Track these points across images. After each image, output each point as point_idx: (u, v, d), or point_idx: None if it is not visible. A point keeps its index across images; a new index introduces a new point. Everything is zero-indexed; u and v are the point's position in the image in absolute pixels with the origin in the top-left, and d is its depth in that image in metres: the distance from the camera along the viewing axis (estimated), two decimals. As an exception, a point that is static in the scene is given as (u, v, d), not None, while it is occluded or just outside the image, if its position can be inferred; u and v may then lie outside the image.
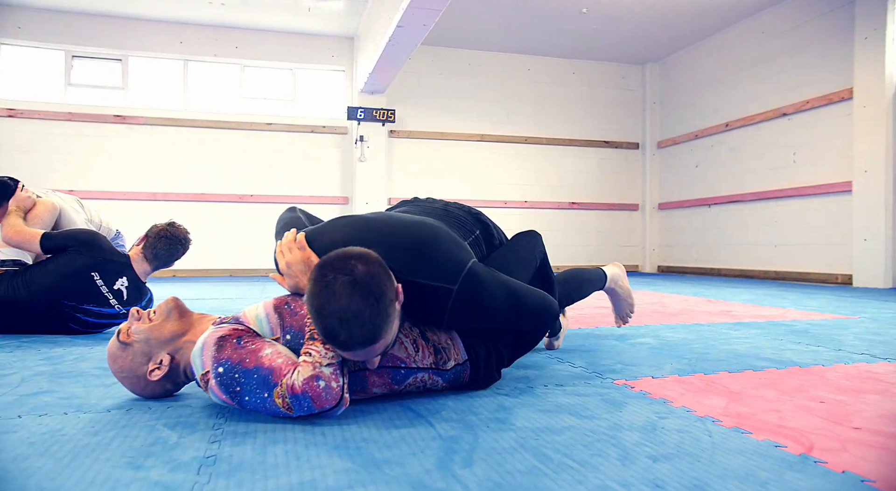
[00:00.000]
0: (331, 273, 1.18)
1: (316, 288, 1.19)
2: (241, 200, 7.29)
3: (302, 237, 1.44)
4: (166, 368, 1.40)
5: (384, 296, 1.19)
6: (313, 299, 1.19)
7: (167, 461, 1.05)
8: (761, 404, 1.42)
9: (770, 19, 6.65)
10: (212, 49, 7.28)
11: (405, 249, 1.40)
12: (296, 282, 1.43)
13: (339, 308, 1.16)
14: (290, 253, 1.43)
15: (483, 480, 0.97)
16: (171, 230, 2.58)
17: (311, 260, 1.41)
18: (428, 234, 1.46)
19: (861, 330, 2.66)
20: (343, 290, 1.16)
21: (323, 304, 1.17)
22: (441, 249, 1.43)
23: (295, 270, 1.41)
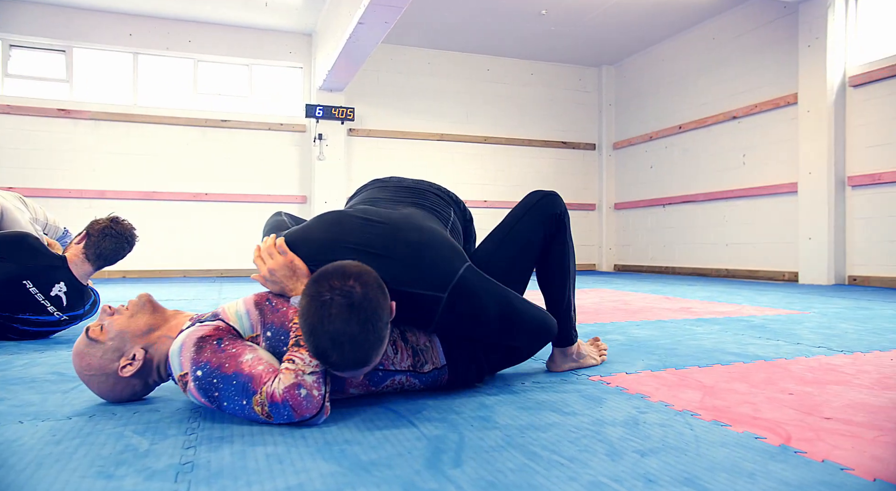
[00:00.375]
0: (328, 293, 1.16)
1: (311, 306, 1.17)
2: (195, 199, 7.08)
3: (282, 242, 1.41)
4: (140, 363, 1.33)
5: (380, 320, 1.19)
6: (308, 316, 1.17)
7: (140, 470, 0.99)
8: (735, 397, 1.45)
9: (720, 26, 6.87)
10: (163, 42, 7.04)
11: (397, 259, 1.37)
12: (280, 287, 1.39)
13: (333, 330, 1.15)
14: (271, 259, 1.39)
15: (475, 479, 0.95)
16: (116, 227, 2.39)
17: (294, 264, 1.38)
18: (419, 240, 1.41)
19: (814, 324, 2.76)
20: (340, 312, 1.15)
21: (317, 323, 1.15)
22: (433, 256, 1.39)
23: (279, 276, 1.38)
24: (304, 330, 1.18)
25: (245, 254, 7.23)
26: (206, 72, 7.33)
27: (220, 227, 7.19)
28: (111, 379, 1.34)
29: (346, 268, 1.21)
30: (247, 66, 7.46)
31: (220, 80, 7.39)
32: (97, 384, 1.35)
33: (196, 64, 7.25)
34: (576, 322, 1.75)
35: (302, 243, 1.42)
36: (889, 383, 1.59)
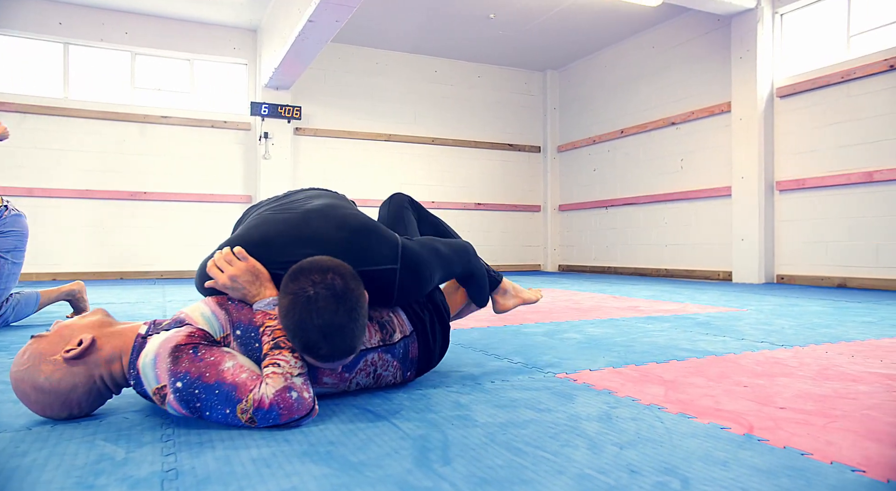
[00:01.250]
0: (311, 288, 1.19)
1: (296, 302, 1.19)
2: (133, 198, 6.78)
3: (240, 249, 1.40)
4: (85, 348, 1.22)
5: (362, 308, 1.24)
6: (294, 313, 1.19)
7: (122, 478, 0.96)
8: (695, 391, 1.53)
9: (659, 35, 7.16)
10: (97, 33, 6.71)
11: (348, 243, 1.43)
12: (242, 293, 1.37)
13: (322, 323, 1.18)
14: (231, 266, 1.37)
15: (467, 476, 0.97)
16: None
17: (256, 269, 1.37)
18: (359, 224, 1.49)
19: (752, 321, 2.93)
20: (326, 304, 1.18)
21: (305, 318, 1.18)
22: (375, 234, 1.47)
23: (241, 282, 1.36)
24: (291, 327, 1.20)
25: (188, 255, 7.00)
26: (145, 66, 7.04)
27: (161, 228, 6.93)
28: (50, 367, 1.20)
29: (321, 262, 1.25)
30: (188, 61, 7.22)
31: (160, 75, 7.11)
32: (32, 378, 1.19)
33: (134, 57, 6.95)
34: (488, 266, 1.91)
35: (260, 247, 1.42)
36: (828, 374, 1.71)
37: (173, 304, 3.87)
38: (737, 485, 0.93)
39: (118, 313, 3.30)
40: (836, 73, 5.22)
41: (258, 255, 1.41)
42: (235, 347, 1.31)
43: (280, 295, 1.23)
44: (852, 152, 5.15)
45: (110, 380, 1.28)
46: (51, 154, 6.52)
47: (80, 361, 1.23)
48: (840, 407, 1.37)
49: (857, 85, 5.14)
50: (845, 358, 1.96)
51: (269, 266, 1.40)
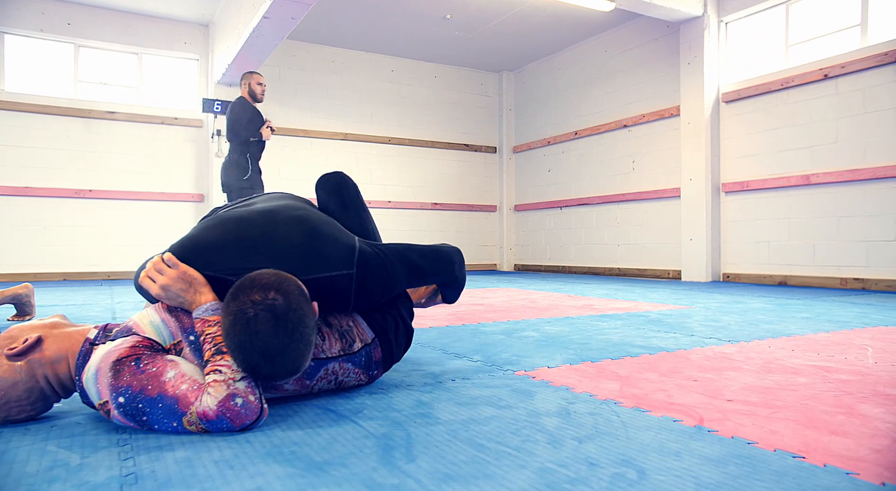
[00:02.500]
0: (251, 308, 1.15)
1: (236, 323, 1.15)
2: (77, 196, 6.52)
3: (170, 255, 1.35)
4: (30, 344, 1.20)
5: (306, 327, 1.20)
6: (234, 334, 1.16)
7: (77, 485, 0.94)
8: (648, 385, 1.59)
9: (612, 39, 7.34)
10: (36, 23, 6.43)
11: (297, 249, 1.39)
12: (178, 302, 1.33)
13: (262, 345, 1.15)
14: (161, 275, 1.33)
15: (431, 472, 0.99)
16: None
17: (188, 275, 1.32)
18: (311, 227, 1.45)
19: (701, 318, 3.04)
20: (266, 326, 1.15)
21: (245, 340, 1.15)
22: (329, 238, 1.44)
23: (175, 291, 1.32)
24: (231, 347, 1.17)
25: (136, 255, 6.78)
26: (90, 59, 6.78)
27: (107, 227, 6.69)
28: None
29: (263, 279, 1.20)
30: (136, 55, 6.99)
31: (106, 69, 6.86)
32: None
33: (77, 49, 6.69)
34: None
35: (198, 251, 1.37)
36: (772, 368, 1.80)
37: (122, 306, 3.75)
38: (689, 474, 0.97)
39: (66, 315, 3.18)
40: (776, 80, 5.47)
41: (206, 259, 1.36)
42: (189, 354, 1.28)
43: (222, 312, 1.20)
44: (791, 156, 5.41)
45: (56, 381, 1.24)
46: (-13, 149, 6.21)
47: (22, 358, 1.20)
48: (782, 398, 1.45)
49: (794, 92, 5.39)
50: (786, 352, 2.06)
51: (220, 271, 1.35)
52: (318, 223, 1.47)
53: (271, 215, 1.45)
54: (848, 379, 1.65)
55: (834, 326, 2.70)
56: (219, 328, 1.25)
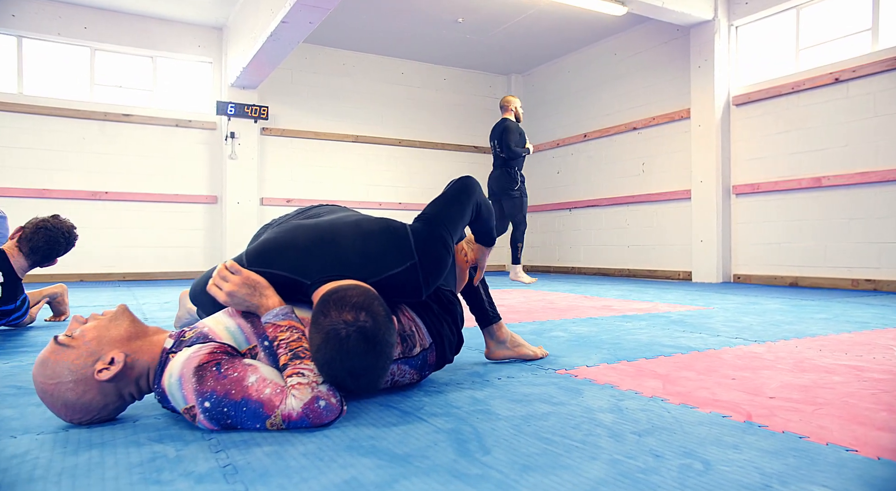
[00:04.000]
0: (343, 328, 1.22)
1: (329, 341, 1.21)
2: (93, 198, 6.59)
3: (232, 262, 1.42)
4: (118, 368, 1.22)
5: (391, 346, 1.27)
6: (324, 351, 1.22)
7: (184, 474, 1.00)
8: (689, 383, 1.65)
9: (621, 43, 7.40)
10: (54, 27, 6.49)
11: (366, 256, 1.46)
12: (246, 306, 1.39)
13: (352, 365, 1.22)
14: (226, 282, 1.39)
15: (509, 463, 1.05)
16: (51, 222, 2.41)
17: (251, 279, 1.39)
18: (366, 229, 1.51)
19: (721, 318, 3.11)
20: (358, 347, 1.21)
21: (335, 358, 1.21)
22: (385, 236, 1.50)
23: (240, 296, 1.38)
24: (320, 362, 1.23)
25: (151, 256, 6.85)
26: (106, 62, 6.85)
27: (123, 228, 6.76)
28: (81, 387, 1.21)
29: (353, 298, 1.26)
30: (150, 58, 7.06)
31: (122, 72, 6.93)
32: (63, 395, 1.20)
33: (93, 53, 6.76)
34: (494, 305, 1.95)
35: (272, 252, 1.45)
36: (805, 367, 1.87)
37: (149, 306, 3.82)
38: (751, 464, 1.04)
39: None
40: (787, 84, 5.53)
41: (280, 260, 1.43)
42: (263, 358, 1.33)
43: (312, 326, 1.26)
44: (802, 159, 5.47)
45: (137, 393, 1.31)
46: (3, 151, 6.28)
47: (113, 381, 1.24)
48: (822, 396, 1.51)
49: (805, 96, 5.45)
50: (814, 352, 2.13)
51: (292, 272, 1.43)
52: (369, 225, 1.53)
53: (333, 225, 1.53)
54: (882, 378, 1.71)
55: (854, 327, 2.77)
56: (291, 333, 1.31)
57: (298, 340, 1.30)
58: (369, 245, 1.48)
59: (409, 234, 1.50)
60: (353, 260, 1.45)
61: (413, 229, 1.52)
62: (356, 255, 1.46)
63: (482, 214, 1.72)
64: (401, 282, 1.46)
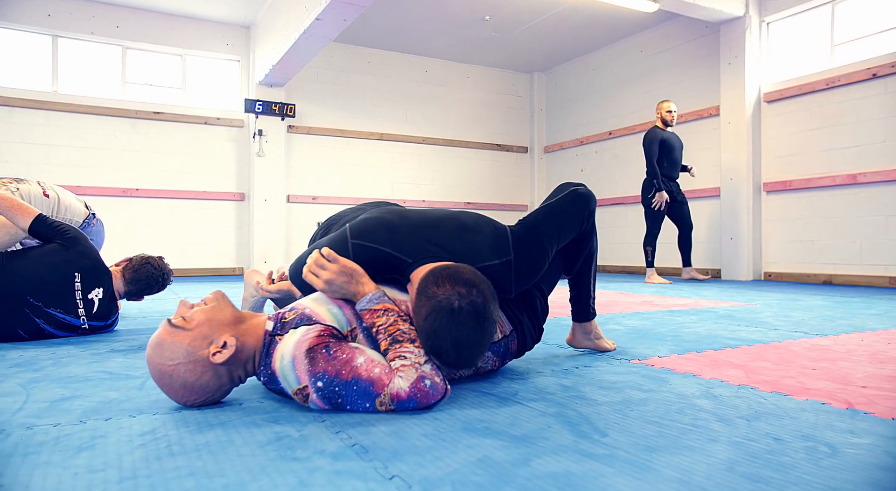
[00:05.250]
0: (456, 300, 1.26)
1: (439, 309, 1.25)
2: (124, 195, 6.66)
3: (328, 251, 1.42)
4: (231, 351, 1.26)
5: (494, 324, 1.32)
6: (432, 320, 1.26)
7: (318, 452, 1.02)
8: (771, 373, 1.66)
9: (648, 40, 7.38)
10: (87, 26, 6.57)
11: (465, 244, 1.52)
12: (342, 293, 1.41)
13: (459, 336, 1.25)
14: (324, 271, 1.40)
15: (631, 444, 1.07)
16: (157, 261, 2.59)
17: (347, 267, 1.40)
18: (469, 222, 1.58)
19: (770, 314, 3.10)
20: (468, 319, 1.25)
21: (443, 327, 1.25)
22: (485, 230, 1.57)
23: (338, 284, 1.39)
24: (426, 330, 1.27)
25: (180, 253, 6.91)
26: (136, 61, 6.92)
27: (153, 225, 6.82)
28: (199, 368, 1.24)
29: (465, 274, 1.31)
30: (180, 57, 7.12)
31: (152, 70, 7.00)
32: (182, 376, 1.23)
33: (125, 51, 6.83)
34: (595, 302, 1.97)
35: (386, 230, 1.49)
36: (881, 358, 1.86)
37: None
38: (878, 449, 1.04)
39: (136, 310, 3.30)
40: (821, 80, 5.50)
41: (384, 237, 1.47)
42: (363, 341, 1.37)
43: (421, 297, 1.30)
44: (837, 156, 5.43)
45: (244, 376, 1.35)
46: (38, 149, 6.36)
47: (226, 364, 1.28)
48: (912, 385, 1.51)
49: (840, 92, 5.41)
50: (883, 345, 2.12)
51: (395, 249, 1.46)
52: (469, 218, 1.60)
53: (435, 213, 1.60)
54: (963, 368, 1.71)
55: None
56: (388, 317, 1.33)
57: (395, 323, 1.33)
58: (469, 235, 1.53)
59: (509, 234, 1.57)
60: (453, 245, 1.49)
61: (512, 230, 1.59)
62: (456, 241, 1.50)
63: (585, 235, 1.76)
64: (493, 275, 1.49)
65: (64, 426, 1.17)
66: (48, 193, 2.67)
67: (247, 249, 7.26)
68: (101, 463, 0.97)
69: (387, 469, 0.94)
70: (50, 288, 2.21)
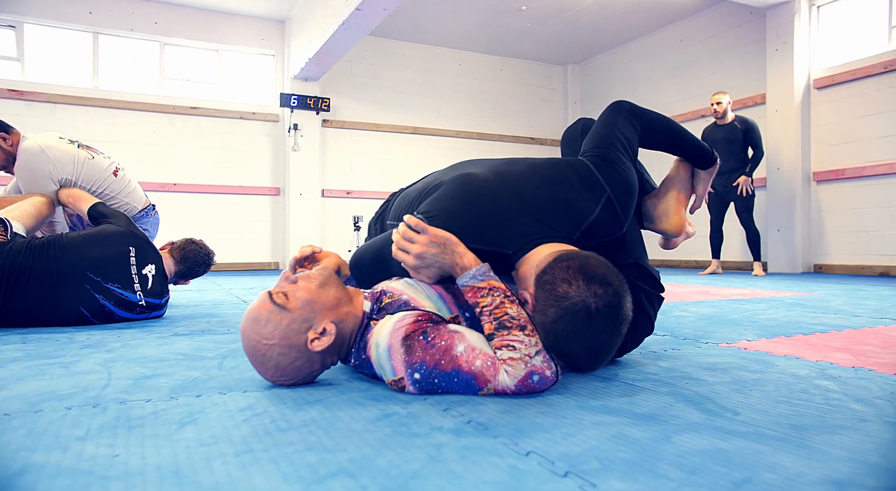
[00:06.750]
0: (592, 300, 1.08)
1: (574, 313, 1.08)
2: (163, 189, 6.71)
3: (415, 220, 1.26)
4: (330, 339, 1.19)
5: (627, 323, 1.13)
6: (565, 323, 1.09)
7: (434, 428, 0.95)
8: (884, 356, 1.54)
9: (688, 28, 7.20)
10: (127, 23, 6.62)
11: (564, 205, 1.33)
12: (436, 269, 1.25)
13: (594, 342, 1.10)
14: (413, 244, 1.24)
15: (770, 422, 0.97)
16: (198, 243, 2.62)
17: (438, 236, 1.23)
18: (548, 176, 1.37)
19: (841, 302, 2.95)
20: (605, 323, 1.09)
21: (577, 332, 1.09)
22: (570, 177, 1.36)
23: (430, 258, 1.23)
24: (555, 334, 1.10)
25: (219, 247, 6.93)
26: (174, 56, 6.96)
27: (191, 219, 6.85)
28: (294, 353, 1.18)
29: (597, 269, 1.12)
30: (216, 52, 7.14)
31: (189, 66, 7.04)
32: (275, 358, 1.17)
33: (162, 47, 6.87)
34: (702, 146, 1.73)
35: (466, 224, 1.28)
36: None
37: (237, 291, 3.84)
38: None
39: (186, 299, 3.28)
40: (878, 64, 5.28)
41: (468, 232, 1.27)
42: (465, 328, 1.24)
43: (548, 296, 1.12)
44: (894, 142, 5.21)
45: (336, 360, 1.28)
46: (80, 145, 6.44)
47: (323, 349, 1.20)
48: None
49: (898, 76, 5.20)
50: None
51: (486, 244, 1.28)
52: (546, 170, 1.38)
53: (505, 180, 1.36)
54: None
55: None
56: (493, 298, 1.18)
57: (501, 305, 1.17)
58: (560, 192, 1.33)
59: (591, 166, 1.37)
60: (553, 214, 1.31)
61: (591, 160, 1.39)
62: (552, 208, 1.31)
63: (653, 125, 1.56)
64: (602, 222, 1.35)
65: (157, 402, 1.12)
66: (118, 173, 2.70)
67: (282, 244, 7.27)
68: (210, 436, 0.91)
69: (517, 446, 0.87)
70: (107, 263, 2.21)
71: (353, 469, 0.78)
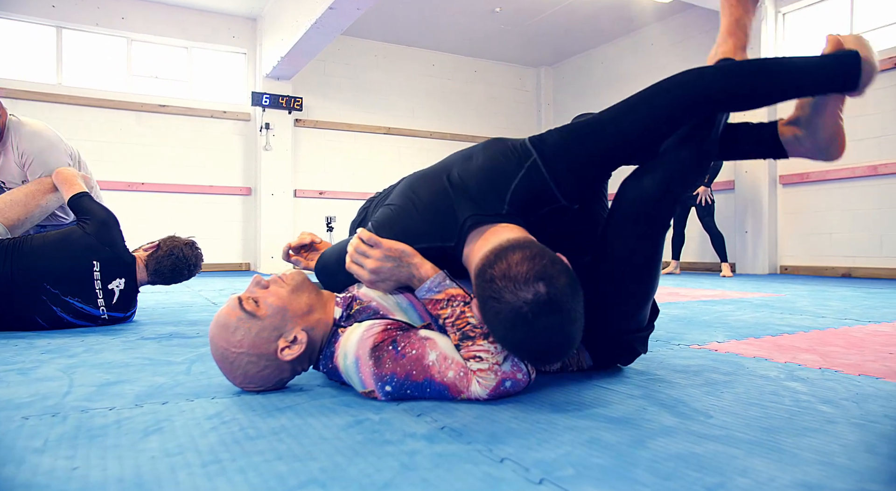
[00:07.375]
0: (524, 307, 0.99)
1: (513, 326, 1.01)
2: (130, 189, 6.55)
3: (368, 233, 1.20)
4: (301, 348, 1.16)
5: (577, 312, 1.04)
6: (503, 330, 1.03)
7: (408, 435, 0.93)
8: (849, 356, 1.58)
9: (659, 32, 7.30)
10: (92, 17, 6.45)
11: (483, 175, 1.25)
12: (393, 283, 1.20)
13: (543, 341, 1.03)
14: (368, 259, 1.19)
15: (741, 425, 0.98)
16: (185, 251, 2.39)
17: (394, 249, 1.18)
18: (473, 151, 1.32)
19: (807, 303, 3.02)
20: (545, 322, 1.00)
21: (522, 340, 1.03)
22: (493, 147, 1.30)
23: (386, 272, 1.18)
24: (497, 336, 1.06)
25: (187, 248, 6.80)
26: (141, 53, 6.80)
27: (160, 220, 6.70)
28: (263, 361, 1.15)
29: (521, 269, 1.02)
30: (185, 49, 7.01)
31: (157, 63, 6.89)
32: (244, 365, 1.14)
33: (130, 43, 6.71)
34: None
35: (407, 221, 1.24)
36: (950, 343, 1.79)
37: (207, 293, 3.77)
38: None
39: (154, 301, 3.20)
40: (841, 70, 5.42)
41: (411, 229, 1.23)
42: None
43: (484, 309, 1.05)
44: (856, 147, 5.36)
45: (306, 367, 1.24)
46: (43, 142, 6.24)
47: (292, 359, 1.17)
48: None
49: (859, 83, 5.34)
50: (944, 330, 2.04)
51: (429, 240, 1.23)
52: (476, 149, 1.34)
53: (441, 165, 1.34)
54: None
55: (955, 310, 2.68)
56: (452, 309, 1.15)
57: (462, 314, 1.13)
58: (484, 161, 1.26)
59: (526, 140, 1.30)
60: (478, 186, 1.23)
61: (530, 138, 1.31)
62: (476, 179, 1.24)
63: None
64: (528, 189, 1.24)
65: (121, 409, 1.08)
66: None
67: (253, 245, 7.16)
68: (176, 446, 0.88)
69: (492, 452, 0.86)
70: (68, 276, 2.11)
71: (324, 479, 0.76)
